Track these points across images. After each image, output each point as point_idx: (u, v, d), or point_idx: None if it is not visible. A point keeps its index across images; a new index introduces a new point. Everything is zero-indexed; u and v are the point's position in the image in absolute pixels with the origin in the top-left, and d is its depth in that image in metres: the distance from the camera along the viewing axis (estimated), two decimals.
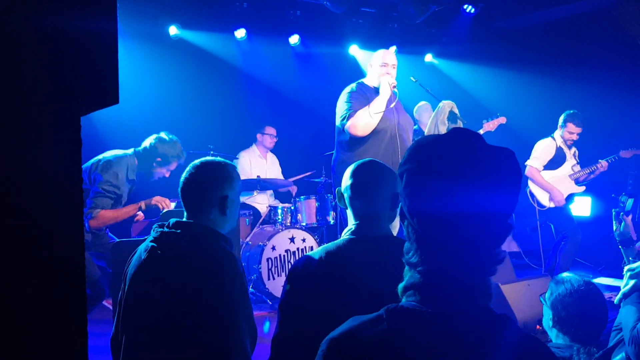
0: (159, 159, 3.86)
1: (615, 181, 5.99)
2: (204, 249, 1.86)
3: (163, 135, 3.89)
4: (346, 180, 1.85)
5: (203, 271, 1.80)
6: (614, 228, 2.74)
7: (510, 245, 6.41)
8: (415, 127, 5.45)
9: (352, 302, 1.37)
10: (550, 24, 6.31)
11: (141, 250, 1.95)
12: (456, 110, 4.05)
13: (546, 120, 5.57)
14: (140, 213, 3.86)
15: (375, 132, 3.75)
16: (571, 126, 5.22)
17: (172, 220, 1.93)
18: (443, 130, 3.98)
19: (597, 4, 5.76)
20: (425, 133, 4.13)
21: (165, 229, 1.92)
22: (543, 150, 5.32)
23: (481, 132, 5.50)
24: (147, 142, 3.87)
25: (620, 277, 5.60)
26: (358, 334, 0.99)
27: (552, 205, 5.27)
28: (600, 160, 5.32)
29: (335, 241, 1.78)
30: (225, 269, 1.83)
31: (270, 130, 5.87)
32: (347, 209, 1.84)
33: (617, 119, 6.05)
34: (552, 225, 5.85)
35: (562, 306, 2.11)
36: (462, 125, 4.09)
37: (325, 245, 1.78)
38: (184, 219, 1.97)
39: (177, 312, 1.78)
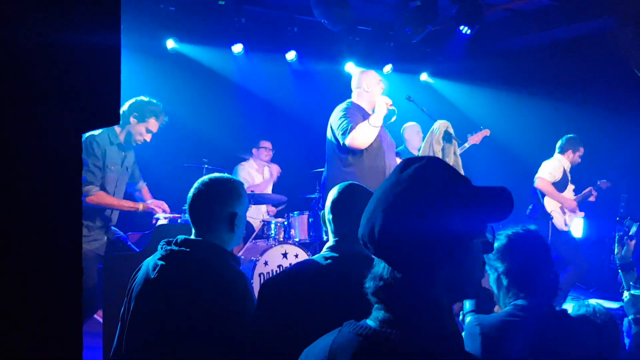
0: (135, 114, 3.84)
1: (606, 204, 6.03)
2: (215, 268, 1.84)
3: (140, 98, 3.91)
4: (329, 200, 1.93)
5: (214, 291, 1.78)
6: (616, 251, 2.74)
7: None
8: (401, 147, 5.45)
9: (324, 319, 1.38)
10: (545, 45, 6.40)
11: (149, 268, 1.91)
12: (451, 130, 4.08)
13: (539, 140, 5.62)
14: (154, 208, 3.88)
15: (368, 148, 3.87)
16: (581, 150, 5.37)
17: (180, 238, 1.90)
18: (438, 149, 4.00)
19: (593, 28, 5.85)
20: (420, 152, 4.15)
21: (174, 247, 1.88)
22: (555, 168, 5.38)
23: (466, 145, 5.53)
24: (124, 107, 3.85)
25: (614, 299, 5.62)
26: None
27: (565, 229, 5.30)
28: (598, 182, 5.40)
29: (314, 257, 1.81)
30: (236, 289, 1.81)
31: (266, 144, 5.88)
32: (327, 227, 1.91)
33: (609, 140, 6.11)
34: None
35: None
36: (457, 145, 4.12)
37: (303, 261, 1.80)
38: (192, 237, 1.94)
39: (187, 331, 1.76)
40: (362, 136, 3.79)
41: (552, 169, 5.38)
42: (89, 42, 0.75)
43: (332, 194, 1.94)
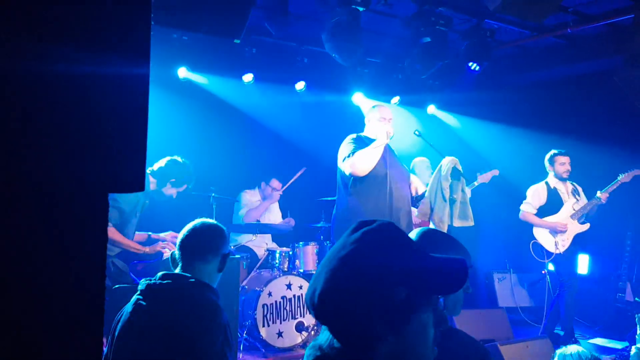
0: (173, 180, 4.10)
1: (612, 241, 6.00)
2: (189, 299, 1.90)
3: (177, 158, 4.10)
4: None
5: (185, 320, 1.84)
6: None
7: (507, 301, 6.37)
8: None
9: None
10: (553, 82, 6.46)
11: (128, 307, 1.97)
12: (459, 167, 4.10)
13: (543, 175, 5.63)
14: (164, 251, 3.96)
15: (372, 175, 3.94)
16: (559, 158, 5.36)
17: (160, 274, 1.96)
18: (445, 186, 4.01)
19: (600, 66, 5.91)
20: (428, 189, 4.16)
21: (152, 281, 1.95)
22: (534, 193, 5.43)
23: (475, 184, 5.56)
24: (161, 163, 4.10)
25: (619, 338, 5.55)
26: None
27: (558, 251, 5.26)
28: (599, 192, 5.35)
29: None
30: (207, 318, 1.87)
31: (275, 183, 5.88)
32: None
33: (614, 177, 6.10)
34: (548, 279, 5.83)
35: None
36: (465, 182, 4.13)
37: None
38: (177, 271, 2.01)
39: None
40: (361, 162, 3.87)
41: (529, 196, 5.43)
42: (118, 116, 0.76)
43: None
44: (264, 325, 4.71)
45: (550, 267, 5.66)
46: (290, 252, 5.26)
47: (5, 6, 0.61)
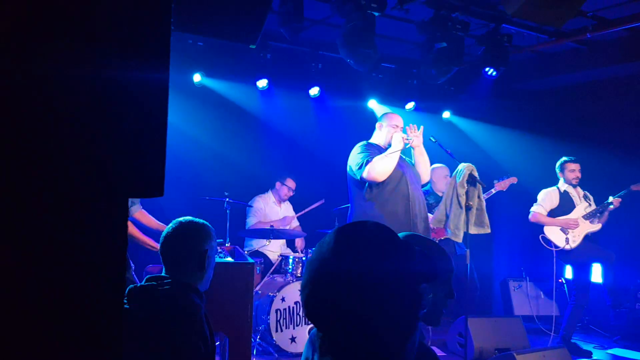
0: None
1: (632, 251, 5.90)
2: (169, 299, 1.89)
3: None
4: None
5: (162, 321, 1.84)
6: None
7: (523, 309, 6.28)
8: (427, 187, 5.42)
9: None
10: (571, 87, 6.39)
11: None
12: (476, 173, 4.06)
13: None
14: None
15: (388, 180, 3.94)
16: (569, 165, 5.35)
17: (146, 277, 1.99)
18: (462, 192, 3.97)
19: (619, 71, 5.83)
20: (444, 196, 4.12)
21: (137, 285, 1.96)
22: (545, 196, 5.42)
23: (493, 191, 5.51)
24: None
25: (637, 349, 5.44)
26: None
27: (567, 247, 5.22)
28: (611, 198, 5.29)
29: None
30: (184, 318, 1.86)
31: (291, 182, 5.93)
32: None
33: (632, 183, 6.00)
34: (565, 285, 5.76)
35: None
36: (481, 189, 4.09)
37: None
38: (162, 274, 2.02)
39: None
40: (378, 168, 3.88)
41: (540, 199, 5.43)
42: (138, 129, 0.76)
43: None
44: (277, 330, 4.70)
45: (568, 274, 5.58)
46: (304, 258, 5.25)
47: (31, 12, 0.61)
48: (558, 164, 5.45)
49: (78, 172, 0.69)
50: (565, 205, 5.37)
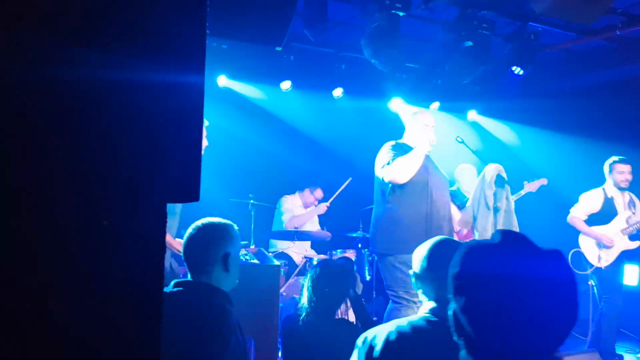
0: None
1: None
2: (196, 305, 1.89)
3: None
4: (420, 258, 1.88)
5: (193, 326, 1.84)
6: None
7: None
8: (454, 188, 5.35)
9: None
10: (599, 85, 6.24)
11: None
12: (504, 174, 3.98)
13: (592, 183, 5.42)
14: None
15: (412, 182, 3.83)
16: (619, 166, 5.06)
17: (173, 282, 1.98)
18: (489, 194, 3.90)
19: None
20: (471, 197, 4.05)
21: (166, 290, 1.95)
22: (587, 199, 5.17)
23: (522, 193, 5.40)
24: None
25: None
26: None
27: (599, 265, 5.05)
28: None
29: (410, 319, 1.75)
30: (215, 322, 1.85)
31: (319, 193, 6.00)
32: (419, 289, 1.82)
33: None
34: (595, 290, 5.62)
35: None
36: (509, 190, 4.01)
37: (398, 321, 1.75)
38: (188, 279, 2.02)
39: None
40: (400, 169, 3.78)
41: (582, 201, 5.17)
42: (175, 142, 0.75)
43: (423, 251, 1.89)
44: None
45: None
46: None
47: (69, 18, 0.61)
48: (607, 164, 5.17)
49: (119, 180, 0.69)
50: (606, 212, 5.10)
